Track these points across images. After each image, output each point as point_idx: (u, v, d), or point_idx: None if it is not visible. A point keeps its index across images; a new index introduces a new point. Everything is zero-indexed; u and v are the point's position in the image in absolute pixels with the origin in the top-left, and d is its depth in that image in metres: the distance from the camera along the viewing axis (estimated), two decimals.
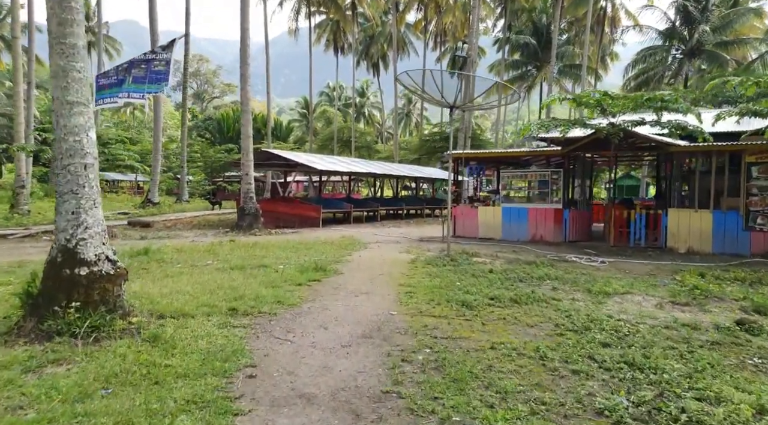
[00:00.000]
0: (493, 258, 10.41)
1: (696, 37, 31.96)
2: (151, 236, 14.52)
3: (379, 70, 64.62)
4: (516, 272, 8.71)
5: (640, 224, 12.18)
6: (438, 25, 59.01)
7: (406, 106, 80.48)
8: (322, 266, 8.79)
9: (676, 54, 35.17)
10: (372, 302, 6.46)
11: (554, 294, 6.95)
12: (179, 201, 31.31)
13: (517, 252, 11.50)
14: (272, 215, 18.68)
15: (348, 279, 7.96)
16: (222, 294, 6.43)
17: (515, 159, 16.83)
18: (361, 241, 13.51)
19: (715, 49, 32.31)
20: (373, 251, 11.43)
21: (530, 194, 13.76)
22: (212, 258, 9.79)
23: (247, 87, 15.47)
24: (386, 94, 72.58)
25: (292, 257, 10.19)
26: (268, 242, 12.69)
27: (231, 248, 11.32)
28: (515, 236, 13.73)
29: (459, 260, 9.83)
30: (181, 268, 8.58)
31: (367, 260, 9.93)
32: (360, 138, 55.72)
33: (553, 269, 9.09)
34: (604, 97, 11.37)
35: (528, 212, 13.55)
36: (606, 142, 12.40)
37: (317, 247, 11.82)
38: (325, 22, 60.12)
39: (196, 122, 68.58)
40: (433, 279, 7.94)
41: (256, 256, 10.17)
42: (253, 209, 15.68)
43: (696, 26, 32.48)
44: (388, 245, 12.76)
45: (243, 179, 15.87)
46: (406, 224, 20.95)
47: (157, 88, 16.97)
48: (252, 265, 8.87)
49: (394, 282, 7.75)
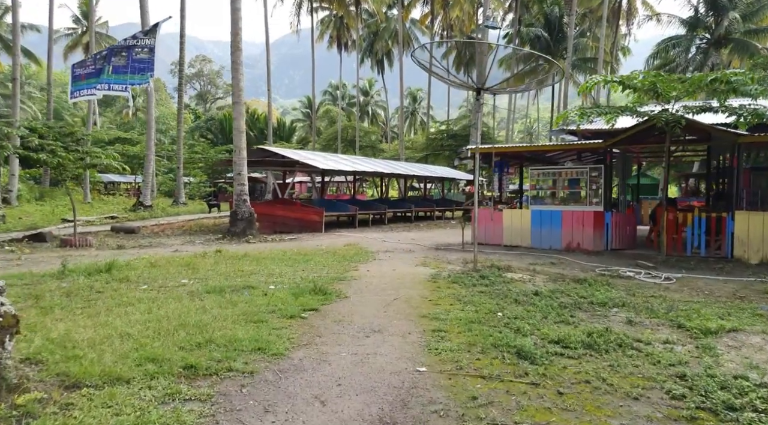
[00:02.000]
0: (531, 274, 8.58)
1: (725, 25, 29.96)
2: (131, 245, 12.79)
3: (383, 67, 62.84)
4: (568, 294, 6.90)
5: (700, 229, 10.30)
6: (445, 19, 57.19)
7: (411, 104, 78.65)
8: (323, 287, 7.00)
9: (700, 44, 33.17)
10: (389, 347, 4.66)
11: (636, 332, 5.12)
12: (176, 204, 29.66)
13: (556, 265, 9.66)
14: (270, 219, 16.91)
15: (355, 307, 6.16)
16: (182, 337, 4.65)
17: (543, 155, 14.99)
18: (368, 250, 11.72)
19: (744, 38, 30.32)
20: (384, 264, 9.63)
21: (564, 194, 11.91)
22: (189, 275, 8.02)
23: (239, 75, 13.71)
24: (391, 93, 70.72)
25: (287, 272, 8.41)
26: (261, 252, 10.92)
27: (216, 260, 9.55)
28: (547, 244, 11.90)
29: (490, 276, 8.02)
30: (146, 291, 6.81)
31: (378, 277, 8.13)
32: (364, 137, 53.96)
33: (612, 289, 7.26)
34: (658, 78, 9.51)
35: (562, 216, 11.72)
36: (654, 133, 10.57)
37: (318, 258, 10.03)
38: (328, 18, 58.42)
39: (198, 123, 67.19)
40: (466, 307, 6.13)
41: (243, 272, 8.39)
42: (247, 214, 13.91)
43: (723, 13, 30.49)
44: (400, 255, 10.95)
45: (235, 179, 14.12)
46: (416, 228, 19.14)
47: (141, 80, 15.29)
48: (235, 286, 7.08)
49: (415, 311, 5.95)
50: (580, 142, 11.74)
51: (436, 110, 78.45)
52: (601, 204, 11.41)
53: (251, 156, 18.25)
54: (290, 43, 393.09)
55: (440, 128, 51.20)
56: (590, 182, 11.47)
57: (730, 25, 30.41)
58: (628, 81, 9.81)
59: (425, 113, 74.26)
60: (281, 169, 18.21)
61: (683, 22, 34.39)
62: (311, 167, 16.86)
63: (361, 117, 69.29)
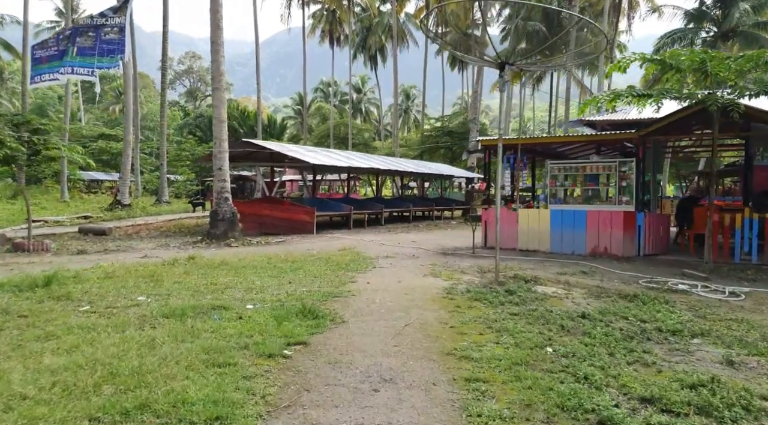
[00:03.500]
0: (565, 287, 7.14)
1: (736, 16, 28.79)
2: (95, 250, 11.22)
3: (376, 63, 61.36)
4: (623, 316, 5.47)
5: (751, 233, 8.92)
6: (440, 14, 55.78)
7: (404, 102, 77.14)
8: (313, 307, 5.52)
9: (706, 37, 32.00)
10: (409, 410, 3.20)
11: (751, 381, 3.69)
12: (159, 203, 28.00)
13: (589, 275, 8.23)
14: (255, 219, 15.39)
15: (355, 338, 4.68)
16: (104, 400, 3.15)
17: (555, 150, 13.59)
18: (366, 255, 10.24)
19: (752, 30, 29.19)
20: (386, 274, 8.15)
21: (589, 192, 10.50)
22: (150, 290, 6.50)
23: (220, 57, 12.14)
24: (384, 90, 69.35)
25: (271, 286, 6.91)
26: (242, 258, 9.39)
27: (186, 270, 8.02)
28: (569, 248, 10.48)
29: (518, 291, 6.57)
30: (85, 314, 5.29)
31: (381, 292, 6.65)
32: (357, 135, 52.37)
33: (674, 309, 5.84)
34: (708, 55, 8.11)
35: (587, 217, 10.30)
36: (693, 122, 9.18)
37: (308, 267, 8.54)
38: (319, 12, 56.81)
39: (187, 120, 65.45)
40: (501, 337, 4.68)
41: (216, 285, 6.88)
42: (229, 213, 12.37)
43: (733, 5, 29.34)
44: (404, 262, 9.48)
45: (216, 174, 12.56)
46: (415, 229, 17.68)
47: (111, 63, 13.70)
48: (202, 306, 5.58)
49: (436, 345, 4.49)
50: (610, 132, 10.33)
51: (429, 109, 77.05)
52: (632, 203, 10.01)
53: (236, 151, 16.71)
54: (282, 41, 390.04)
55: (435, 125, 49.64)
56: (620, 178, 10.06)
57: (740, 17, 29.28)
58: (671, 59, 8.40)
59: (419, 111, 72.79)
60: (269, 164, 16.69)
61: (688, 15, 33.26)
62: (302, 162, 15.36)
63: (354, 114, 67.69)
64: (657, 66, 8.81)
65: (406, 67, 52.09)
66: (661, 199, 17.42)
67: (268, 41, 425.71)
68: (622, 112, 13.52)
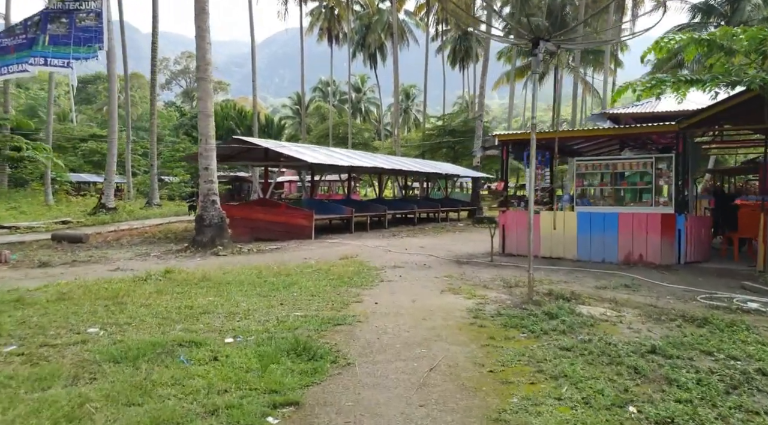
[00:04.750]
0: (613, 306, 5.92)
1: (747, 10, 27.67)
2: (63, 261, 9.98)
3: (376, 61, 60.15)
4: (704, 350, 4.27)
5: None
6: (440, 11, 54.64)
7: (404, 101, 75.98)
8: (309, 342, 4.32)
9: None
10: None
11: None
12: (149, 205, 26.74)
13: (633, 289, 7.01)
14: (249, 224, 14.16)
15: (365, 394, 3.47)
16: None
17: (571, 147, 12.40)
18: (371, 265, 9.03)
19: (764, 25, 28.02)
20: (397, 289, 6.94)
21: (621, 192, 9.30)
22: (107, 318, 5.29)
23: (205, 44, 10.85)
24: (384, 89, 68.17)
25: (258, 309, 5.70)
26: (228, 271, 8.17)
27: (159, 287, 6.79)
28: (598, 255, 9.28)
29: (559, 313, 5.36)
30: (8, 358, 4.07)
31: (393, 316, 5.44)
32: (357, 135, 51.11)
33: (764, 339, 4.63)
34: None
35: (619, 220, 9.10)
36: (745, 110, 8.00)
37: (304, 281, 7.32)
38: (317, 9, 55.59)
39: (182, 120, 64.29)
40: (561, 388, 3.47)
41: (192, 309, 5.66)
42: (217, 218, 11.13)
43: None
44: (415, 273, 8.27)
45: (201, 174, 11.31)
46: (421, 233, 16.47)
47: (89, 54, 12.42)
48: (167, 342, 4.36)
49: (476, 405, 3.28)
50: (649, 125, 9.14)
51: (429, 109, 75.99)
52: (670, 204, 8.80)
53: (227, 149, 15.51)
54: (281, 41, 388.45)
55: (437, 124, 48.43)
56: (656, 177, 8.85)
57: (751, 10, 28.14)
58: (723, 38, 7.21)
59: (419, 110, 71.51)
60: (263, 164, 15.49)
61: (695, 9, 32.14)
62: (299, 161, 14.14)
63: (354, 114, 66.49)
64: (701, 49, 7.62)
65: (405, 66, 50.89)
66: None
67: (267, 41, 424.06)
68: (647, 104, 12.37)
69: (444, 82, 60.74)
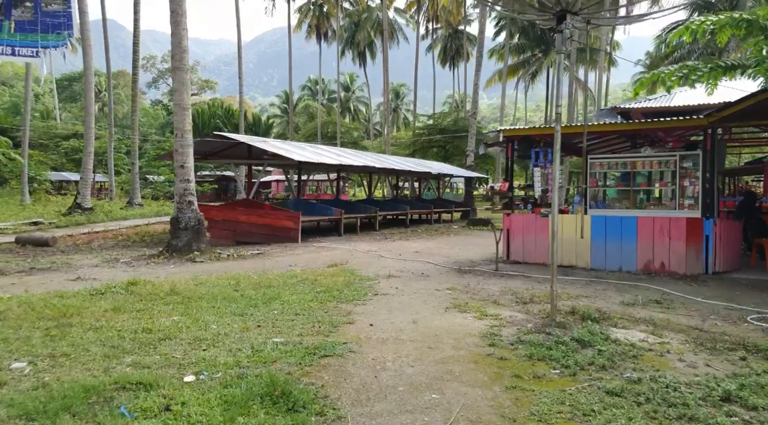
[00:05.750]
0: (651, 329, 5.04)
1: (748, 5, 27.12)
2: (20, 268, 8.91)
3: (365, 59, 59.09)
4: None
5: None
6: (431, 8, 53.80)
7: (394, 100, 75.06)
8: (289, 385, 3.38)
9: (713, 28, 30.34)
10: None
11: None
12: (130, 205, 25.53)
13: (664, 305, 6.14)
14: (230, 226, 13.15)
15: None
16: None
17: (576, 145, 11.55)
18: (363, 275, 8.10)
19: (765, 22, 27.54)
20: (394, 305, 6.01)
21: (641, 194, 8.45)
22: (42, 347, 4.30)
23: (181, 30, 9.78)
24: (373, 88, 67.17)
25: (229, 334, 4.74)
26: (201, 282, 7.18)
27: (117, 304, 5.80)
28: (614, 264, 8.43)
29: (590, 339, 4.49)
30: None
31: (393, 345, 4.51)
32: (346, 134, 50.07)
33: None
34: None
35: (638, 224, 8.25)
36: None
37: (287, 295, 6.36)
38: (306, 6, 54.44)
39: (169, 119, 62.82)
40: None
41: (150, 333, 4.69)
42: (193, 221, 10.11)
43: None
44: (414, 284, 7.35)
45: (177, 173, 10.25)
46: (414, 235, 15.56)
47: (58, 41, 11.43)
48: (106, 387, 3.39)
49: None
50: (675, 119, 8.28)
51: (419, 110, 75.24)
52: (697, 207, 7.97)
53: (206, 145, 14.48)
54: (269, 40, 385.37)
55: (427, 123, 47.56)
56: (680, 177, 8.02)
57: (752, 6, 27.66)
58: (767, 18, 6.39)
59: (408, 109, 70.59)
60: (246, 162, 14.48)
61: (693, 5, 31.64)
62: (284, 159, 13.15)
63: (343, 113, 65.42)
64: (739, 31, 6.81)
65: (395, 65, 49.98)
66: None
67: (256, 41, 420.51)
68: (660, 99, 11.59)
69: (434, 81, 59.92)
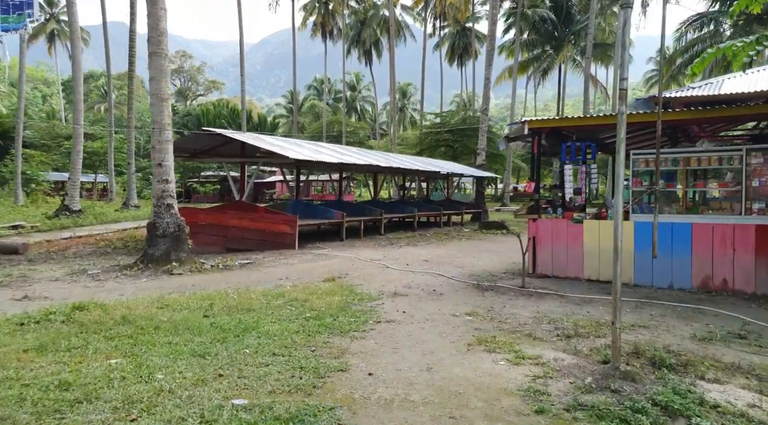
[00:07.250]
0: (753, 382, 3.70)
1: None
2: None
3: (371, 58, 57.85)
4: None
5: None
6: (438, 5, 52.42)
7: (400, 100, 73.74)
8: None
9: (738, 20, 28.82)
10: None
11: None
12: (126, 207, 24.41)
13: (755, 340, 4.78)
14: (220, 231, 11.90)
15: None
16: None
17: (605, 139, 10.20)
18: (364, 293, 6.79)
19: None
20: (400, 342, 4.70)
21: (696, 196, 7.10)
22: None
23: (159, 11, 8.42)
24: (379, 88, 66.00)
25: (178, 389, 3.45)
26: (167, 304, 5.90)
27: (45, 339, 4.53)
28: (664, 279, 7.08)
29: (681, 406, 3.15)
30: None
31: (399, 412, 3.20)
32: (352, 133, 48.86)
33: None
34: None
35: (692, 232, 6.90)
36: None
37: (268, 324, 5.06)
38: (311, 4, 53.24)
39: (175, 119, 62.08)
40: None
41: (68, 389, 3.41)
42: (173, 227, 8.84)
43: None
44: (424, 307, 6.03)
45: (155, 173, 8.95)
46: (423, 240, 14.24)
47: (18, 23, 10.28)
48: None
49: None
50: (747, 106, 6.98)
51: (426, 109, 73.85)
52: (766, 212, 6.60)
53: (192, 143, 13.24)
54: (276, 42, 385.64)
55: (435, 121, 46.17)
56: (745, 175, 6.65)
57: None
58: None
59: (415, 108, 69.18)
60: (239, 160, 13.23)
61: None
62: (280, 157, 11.87)
63: (348, 113, 64.23)
64: None
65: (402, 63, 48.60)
66: None
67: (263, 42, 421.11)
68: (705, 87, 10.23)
69: (441, 80, 58.54)
